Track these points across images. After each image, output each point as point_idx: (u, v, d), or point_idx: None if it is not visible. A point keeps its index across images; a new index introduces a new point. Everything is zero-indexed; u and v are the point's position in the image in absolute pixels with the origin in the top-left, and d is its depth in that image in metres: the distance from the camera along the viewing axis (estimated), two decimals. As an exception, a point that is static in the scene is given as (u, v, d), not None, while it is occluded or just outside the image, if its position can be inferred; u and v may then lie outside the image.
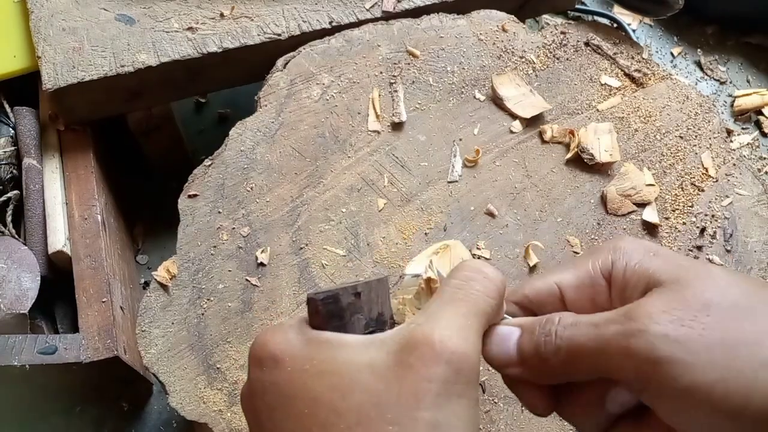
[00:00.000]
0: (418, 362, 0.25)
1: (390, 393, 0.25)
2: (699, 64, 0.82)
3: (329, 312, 0.27)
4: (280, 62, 0.57)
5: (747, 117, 0.78)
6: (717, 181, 0.57)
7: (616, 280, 0.27)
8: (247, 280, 0.49)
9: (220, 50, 0.57)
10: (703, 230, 0.54)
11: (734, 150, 0.59)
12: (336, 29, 0.59)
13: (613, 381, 0.26)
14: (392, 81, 0.57)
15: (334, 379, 0.26)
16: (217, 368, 0.47)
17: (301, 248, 0.51)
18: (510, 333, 0.28)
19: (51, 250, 0.54)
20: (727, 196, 0.56)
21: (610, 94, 0.60)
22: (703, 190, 0.56)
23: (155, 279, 0.49)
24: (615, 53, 0.62)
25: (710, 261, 0.53)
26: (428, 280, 0.31)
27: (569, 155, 0.56)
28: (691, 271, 0.25)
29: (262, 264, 0.50)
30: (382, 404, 0.25)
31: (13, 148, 0.59)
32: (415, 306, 0.30)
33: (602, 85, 0.60)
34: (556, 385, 0.28)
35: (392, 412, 0.24)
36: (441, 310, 0.26)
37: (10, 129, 0.60)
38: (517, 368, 0.28)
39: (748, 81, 0.81)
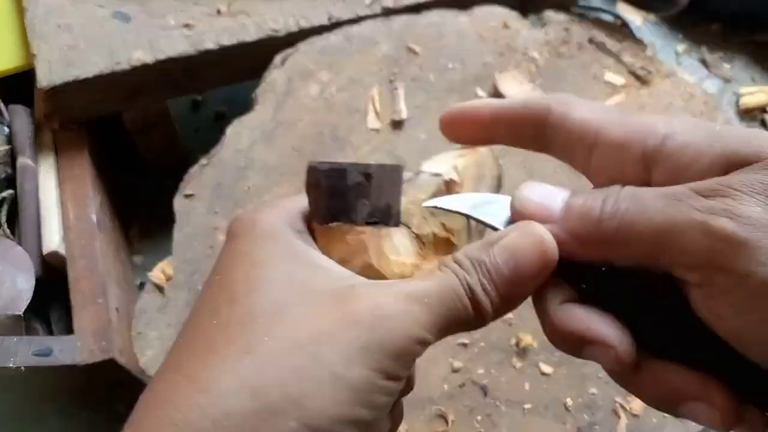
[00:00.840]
0: (345, 299, 0.22)
1: (294, 309, 0.22)
2: (704, 62, 0.81)
3: (331, 188, 0.24)
4: (278, 59, 0.56)
5: (752, 115, 0.77)
6: (723, 180, 0.56)
7: (672, 158, 0.22)
8: (244, 281, 0.49)
9: (217, 47, 0.57)
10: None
11: (740, 149, 0.58)
12: (335, 25, 0.58)
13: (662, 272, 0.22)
14: (392, 78, 0.57)
15: (257, 272, 0.23)
16: (214, 371, 0.46)
17: (300, 249, 0.50)
18: (557, 191, 0.24)
19: (46, 250, 0.53)
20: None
21: (614, 92, 0.59)
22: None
23: (151, 280, 0.48)
24: (619, 50, 0.61)
25: None
26: (450, 183, 0.27)
27: (572, 154, 0.55)
28: None
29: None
30: (277, 315, 0.22)
31: (7, 147, 0.58)
32: (429, 210, 0.26)
33: (606, 82, 0.59)
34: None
35: (281, 326, 0.22)
36: (413, 282, 0.23)
37: (5, 128, 0.60)
38: (555, 225, 0.23)
39: (753, 79, 0.80)
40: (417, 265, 0.25)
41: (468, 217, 0.25)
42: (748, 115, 0.77)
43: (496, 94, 0.57)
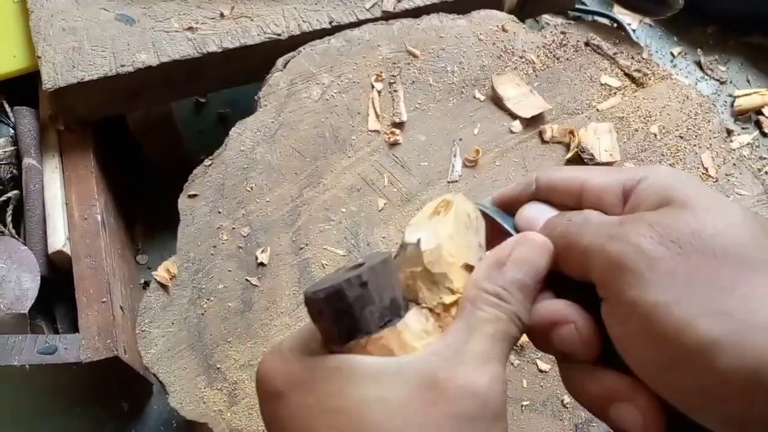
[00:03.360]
0: (441, 399, 0.23)
1: (408, 430, 0.22)
2: (699, 64, 0.82)
3: (335, 311, 0.24)
4: (280, 62, 0.57)
5: (747, 117, 0.78)
6: (717, 181, 0.57)
7: (636, 195, 0.25)
8: (247, 280, 0.49)
9: (220, 50, 0.57)
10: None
11: (734, 150, 0.59)
12: (336, 29, 0.59)
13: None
14: (392, 81, 0.57)
15: (341, 418, 0.23)
16: (217, 368, 0.47)
17: (301, 248, 0.51)
18: (547, 210, 0.27)
19: (51, 250, 0.54)
20: (728, 196, 0.56)
21: (610, 94, 0.60)
22: (703, 190, 0.56)
23: (155, 279, 0.49)
24: (615, 53, 0.62)
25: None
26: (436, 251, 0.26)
27: (569, 155, 0.56)
28: (706, 199, 0.23)
29: (262, 264, 0.50)
30: None
31: (12, 148, 0.59)
32: (428, 280, 0.25)
33: (602, 84, 0.60)
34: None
35: None
36: (462, 340, 0.24)
37: (10, 129, 0.60)
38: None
39: (748, 81, 0.81)
40: (440, 334, 0.25)
41: (498, 223, 0.28)
42: (743, 116, 0.78)
43: (494, 96, 0.58)
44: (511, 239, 0.27)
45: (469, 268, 0.26)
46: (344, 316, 0.24)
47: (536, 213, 0.28)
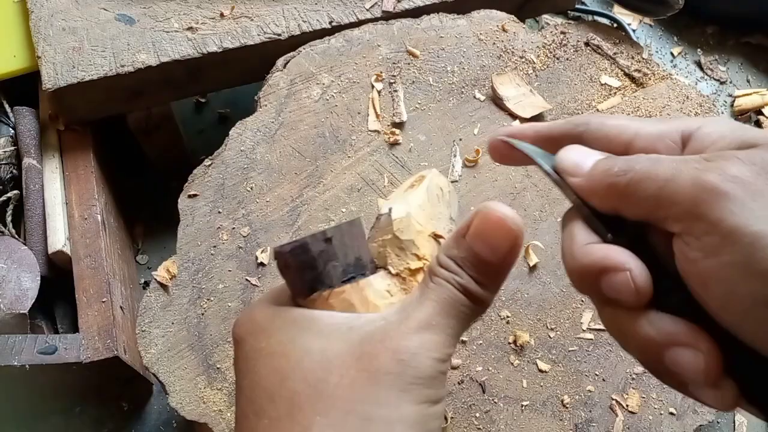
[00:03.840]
0: (366, 356, 0.24)
1: (328, 382, 0.23)
2: (699, 64, 0.82)
3: (301, 263, 0.25)
4: (280, 62, 0.57)
5: (747, 117, 0.78)
6: (717, 181, 0.56)
7: (700, 138, 0.25)
8: (247, 280, 0.49)
9: (220, 50, 0.57)
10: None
11: (734, 150, 0.59)
12: (336, 29, 0.59)
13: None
14: (392, 81, 0.57)
15: (281, 362, 0.24)
16: (217, 368, 0.47)
17: (301, 248, 0.51)
18: (592, 153, 0.26)
19: (51, 250, 0.54)
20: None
21: (610, 94, 0.60)
22: (703, 190, 0.56)
23: (155, 279, 0.49)
24: (615, 53, 0.62)
25: None
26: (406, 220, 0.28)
27: (569, 155, 0.56)
28: None
29: (262, 264, 0.50)
30: (318, 394, 0.23)
31: (12, 147, 0.59)
32: (396, 246, 0.27)
33: (602, 84, 0.60)
34: None
35: (325, 402, 0.23)
36: (411, 307, 0.25)
37: (10, 129, 0.60)
38: (581, 179, 0.26)
39: (748, 81, 0.81)
40: (403, 298, 0.26)
41: (536, 164, 0.27)
42: (743, 116, 0.78)
43: (494, 96, 0.58)
44: (472, 213, 0.26)
45: (437, 237, 0.28)
46: (308, 269, 0.25)
47: (582, 155, 0.26)
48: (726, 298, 0.22)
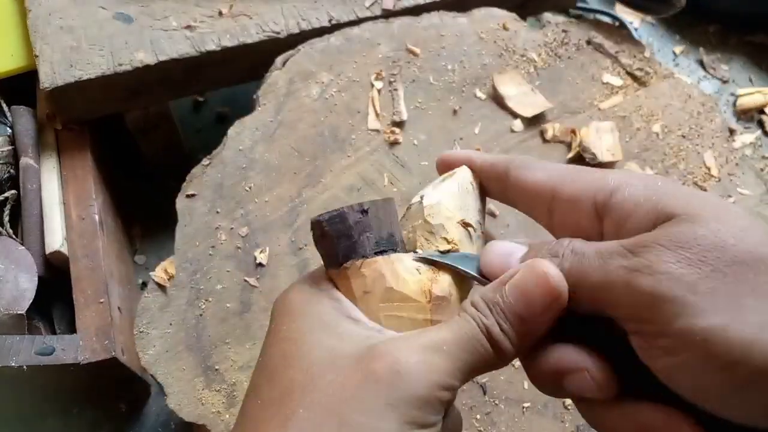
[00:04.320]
0: (363, 367, 0.23)
1: (323, 378, 0.24)
2: (701, 63, 0.82)
3: (337, 231, 0.26)
4: (279, 61, 0.57)
5: (750, 116, 0.78)
6: (720, 180, 0.56)
7: (615, 210, 0.24)
8: (245, 280, 0.49)
9: (219, 49, 0.57)
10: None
11: (737, 149, 0.58)
12: (335, 27, 0.59)
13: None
14: (392, 79, 0.57)
15: (291, 348, 0.25)
16: (216, 369, 0.46)
17: (300, 248, 0.50)
18: (514, 249, 0.26)
19: (48, 250, 0.53)
20: (730, 196, 0.55)
21: (612, 93, 0.59)
22: (705, 190, 0.56)
23: (153, 279, 0.48)
24: (617, 52, 0.61)
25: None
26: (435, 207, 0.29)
27: (571, 154, 0.56)
28: (707, 207, 0.22)
29: (260, 264, 0.49)
30: (310, 386, 0.24)
31: (10, 147, 0.59)
32: (426, 230, 0.28)
33: (604, 83, 0.60)
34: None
35: (313, 395, 0.23)
36: (431, 332, 0.25)
37: (7, 128, 0.60)
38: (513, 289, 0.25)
39: (750, 80, 0.81)
40: (433, 278, 0.27)
41: (450, 267, 0.28)
42: (745, 115, 0.78)
43: (495, 94, 0.57)
44: (521, 264, 0.25)
45: (465, 225, 0.28)
46: (344, 238, 0.26)
47: (505, 250, 0.26)
48: (696, 390, 0.22)
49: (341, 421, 0.23)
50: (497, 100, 0.57)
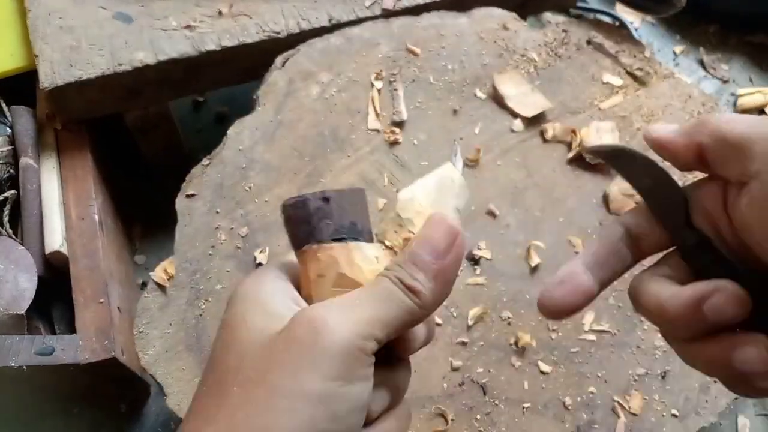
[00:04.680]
0: (287, 330, 0.25)
1: (251, 359, 0.25)
2: (701, 63, 0.82)
3: (297, 216, 0.28)
4: (278, 60, 0.56)
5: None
6: (720, 180, 0.56)
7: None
8: (245, 280, 0.49)
9: (219, 48, 0.57)
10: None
11: (737, 149, 0.58)
12: (335, 27, 0.59)
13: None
14: (392, 79, 0.57)
15: (227, 334, 0.26)
16: (215, 370, 0.46)
17: (300, 248, 0.50)
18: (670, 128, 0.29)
19: (48, 250, 0.53)
20: (731, 196, 0.55)
21: (612, 93, 0.59)
22: (706, 190, 0.55)
23: (153, 279, 0.48)
24: (617, 51, 0.61)
25: None
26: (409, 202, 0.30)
27: (571, 154, 0.56)
28: None
29: (260, 264, 0.49)
30: (242, 365, 0.25)
31: (9, 147, 0.59)
32: (396, 223, 0.29)
33: (604, 83, 0.60)
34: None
35: (244, 373, 0.24)
36: (348, 294, 0.26)
37: (7, 128, 0.60)
38: (681, 139, 0.29)
39: (750, 80, 0.81)
40: None
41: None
42: (746, 115, 0.78)
43: (495, 94, 0.57)
44: (426, 222, 0.28)
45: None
46: (303, 223, 0.28)
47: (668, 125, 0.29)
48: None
49: (269, 389, 0.23)
50: (497, 99, 0.57)
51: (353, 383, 0.24)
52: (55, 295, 0.55)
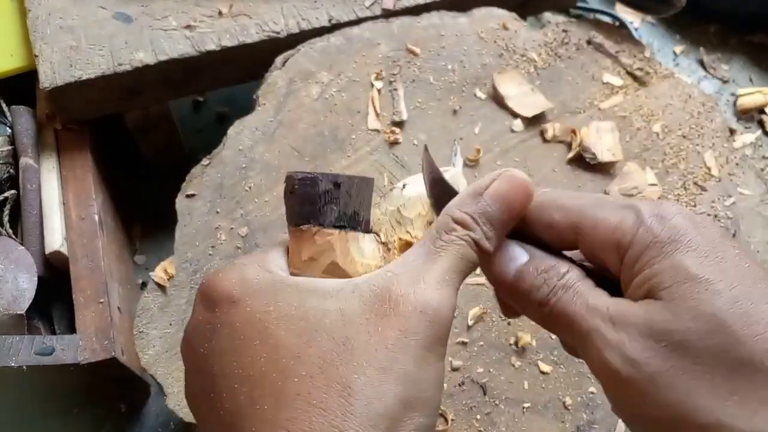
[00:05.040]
0: (395, 316, 0.24)
1: (359, 341, 0.24)
2: (701, 63, 0.82)
3: (304, 194, 0.27)
4: (278, 60, 0.56)
5: (750, 116, 0.78)
6: (720, 180, 0.56)
7: (629, 258, 0.25)
8: (245, 280, 0.49)
9: (219, 48, 0.57)
10: (706, 230, 0.54)
11: (737, 149, 0.58)
12: (335, 27, 0.59)
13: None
14: (392, 79, 0.57)
15: (300, 324, 0.24)
16: (215, 370, 0.46)
17: (300, 248, 0.50)
18: (518, 256, 0.27)
19: (48, 250, 0.53)
20: (730, 196, 0.55)
21: (612, 93, 0.59)
22: (705, 190, 0.55)
23: (153, 279, 0.48)
24: (617, 51, 0.61)
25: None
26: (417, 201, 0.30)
27: (571, 154, 0.56)
28: (692, 295, 0.23)
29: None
30: (350, 352, 0.23)
31: (9, 147, 0.59)
32: (396, 219, 0.29)
33: (604, 83, 0.60)
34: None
35: (359, 360, 0.23)
36: (420, 261, 0.26)
37: (7, 128, 0.60)
38: (507, 290, 0.28)
39: (750, 80, 0.81)
40: (380, 266, 0.28)
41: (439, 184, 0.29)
42: (746, 115, 0.78)
43: (496, 94, 0.57)
44: (493, 173, 0.27)
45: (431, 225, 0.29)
46: (309, 201, 0.27)
47: (513, 254, 0.27)
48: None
49: (397, 377, 0.23)
50: (497, 99, 0.57)
51: (445, 346, 0.25)
52: (55, 295, 0.55)
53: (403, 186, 0.29)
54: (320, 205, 0.27)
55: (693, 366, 0.22)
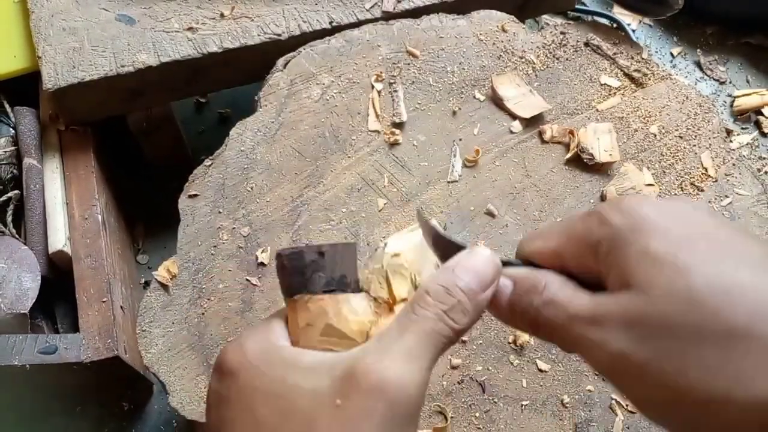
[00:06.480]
0: (356, 394, 0.24)
1: (323, 422, 0.24)
2: (699, 64, 0.82)
3: (292, 267, 0.29)
4: (280, 62, 0.57)
5: (747, 117, 0.78)
6: (717, 181, 0.57)
7: (600, 257, 0.26)
8: (247, 279, 0.49)
9: (221, 50, 0.57)
10: (702, 230, 0.54)
11: (734, 150, 0.59)
12: (336, 29, 0.59)
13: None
14: (392, 81, 0.57)
15: (279, 402, 0.26)
16: (218, 368, 0.47)
17: (302, 248, 0.51)
18: (505, 288, 0.28)
19: (51, 249, 0.54)
20: (727, 196, 0.56)
21: (610, 94, 0.60)
22: (702, 190, 0.56)
23: (155, 279, 0.49)
24: (615, 53, 0.62)
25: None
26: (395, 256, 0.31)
27: (569, 155, 0.56)
28: (661, 276, 0.23)
29: (262, 264, 0.50)
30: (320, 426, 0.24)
31: (13, 148, 0.59)
32: (382, 276, 0.30)
33: (602, 85, 0.60)
34: None
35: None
36: (393, 336, 0.26)
37: (11, 129, 0.60)
38: (503, 319, 0.29)
39: (747, 81, 0.81)
40: (374, 321, 0.29)
41: (440, 238, 0.30)
42: (742, 116, 0.78)
43: (494, 96, 0.58)
44: (462, 252, 0.29)
45: (414, 285, 0.30)
46: (297, 274, 0.29)
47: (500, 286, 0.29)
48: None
49: None
50: (496, 101, 0.58)
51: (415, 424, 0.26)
52: (58, 294, 0.56)
53: (385, 245, 0.31)
54: (308, 275, 0.29)
55: (678, 346, 0.22)
